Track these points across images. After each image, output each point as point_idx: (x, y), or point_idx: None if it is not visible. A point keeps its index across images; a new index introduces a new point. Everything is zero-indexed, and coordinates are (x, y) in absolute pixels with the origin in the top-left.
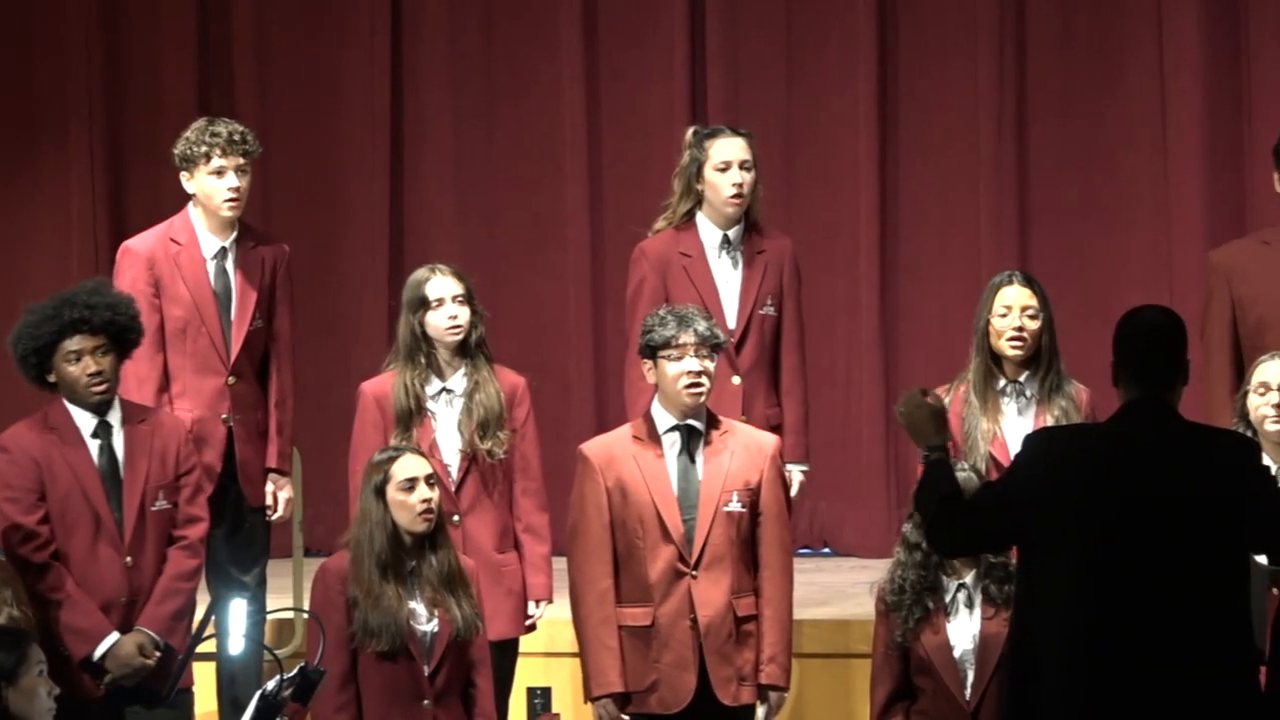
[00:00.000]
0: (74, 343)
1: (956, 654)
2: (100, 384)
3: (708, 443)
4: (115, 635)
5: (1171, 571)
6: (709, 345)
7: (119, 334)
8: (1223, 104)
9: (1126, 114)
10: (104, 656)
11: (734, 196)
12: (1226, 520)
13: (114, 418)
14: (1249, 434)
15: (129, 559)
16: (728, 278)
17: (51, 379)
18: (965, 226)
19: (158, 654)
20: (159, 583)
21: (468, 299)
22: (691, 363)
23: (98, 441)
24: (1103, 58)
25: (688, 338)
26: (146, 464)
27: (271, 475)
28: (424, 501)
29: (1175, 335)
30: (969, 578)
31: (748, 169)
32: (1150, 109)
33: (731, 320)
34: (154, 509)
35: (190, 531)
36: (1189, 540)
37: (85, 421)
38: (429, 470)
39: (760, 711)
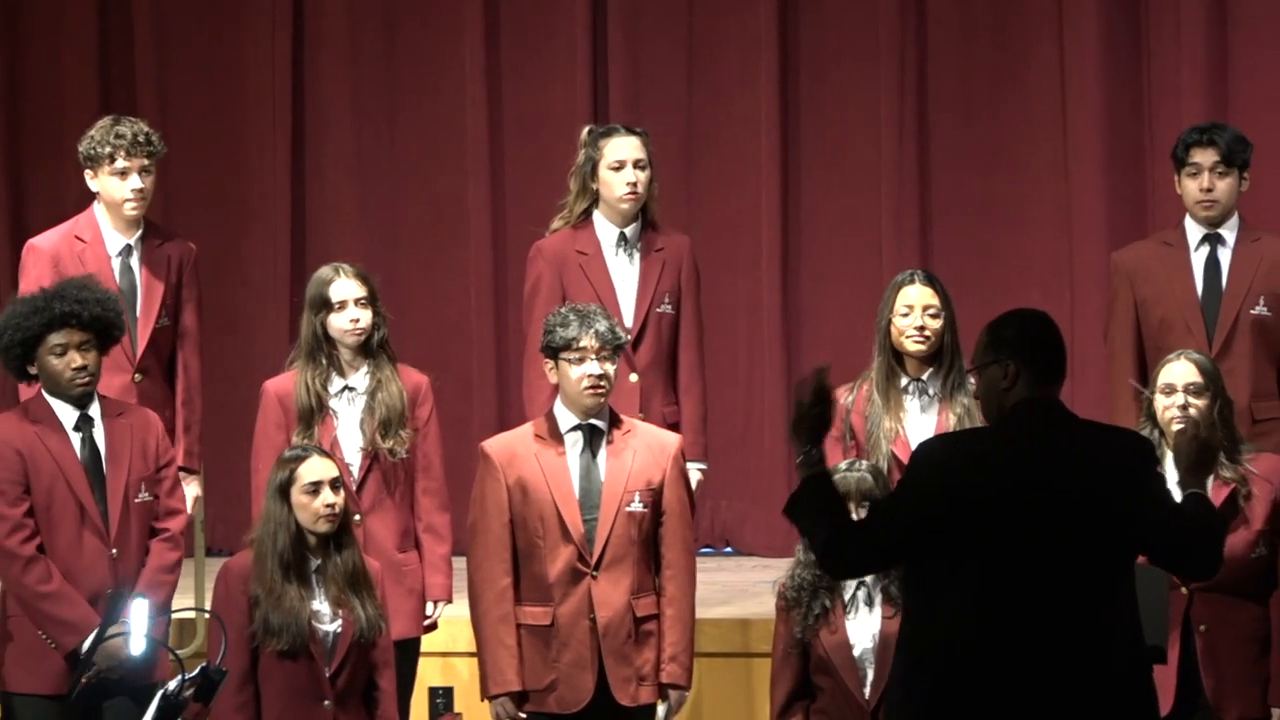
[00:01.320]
0: (60, 336)
1: (856, 653)
2: (84, 378)
3: (610, 442)
4: None
5: (1063, 570)
6: (610, 346)
7: (104, 330)
8: (1123, 105)
9: (1027, 114)
10: (91, 649)
11: (628, 195)
12: (1118, 519)
13: (94, 411)
14: (1156, 435)
15: (114, 551)
16: (624, 276)
17: (33, 370)
18: (867, 226)
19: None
20: (143, 575)
21: (370, 301)
22: (592, 365)
23: (79, 434)
24: (1003, 58)
25: (589, 340)
26: (129, 457)
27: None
28: (327, 505)
29: (1058, 335)
30: (869, 577)
31: (642, 168)
32: (1051, 109)
33: (628, 318)
34: (137, 501)
35: (171, 524)
36: (1081, 538)
37: (67, 414)
38: (334, 474)
39: (661, 710)
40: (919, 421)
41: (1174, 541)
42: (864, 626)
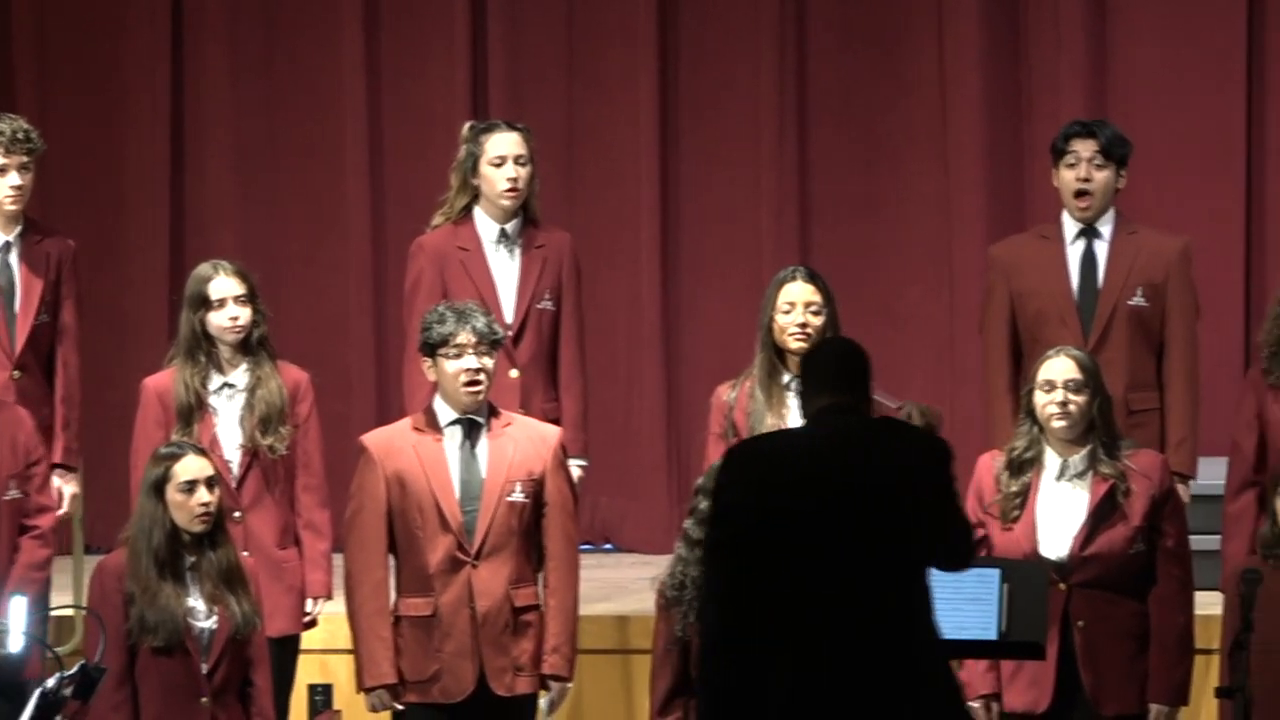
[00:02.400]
0: None
1: None
2: None
3: (490, 432)
4: None
5: (855, 567)
6: (488, 342)
7: None
8: (1002, 101)
9: (907, 111)
10: None
11: (509, 191)
12: (908, 518)
13: None
14: (1035, 431)
15: None
16: (505, 272)
17: None
18: (747, 222)
19: None
20: (12, 572)
21: (249, 298)
22: (470, 360)
23: None
24: (883, 54)
25: (466, 336)
26: None
27: (58, 470)
28: (202, 505)
29: (858, 354)
30: None
31: (523, 164)
32: (931, 106)
33: (509, 314)
34: (6, 498)
35: (42, 520)
36: (873, 538)
37: None
38: (210, 472)
39: (542, 702)
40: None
41: (943, 531)
42: None
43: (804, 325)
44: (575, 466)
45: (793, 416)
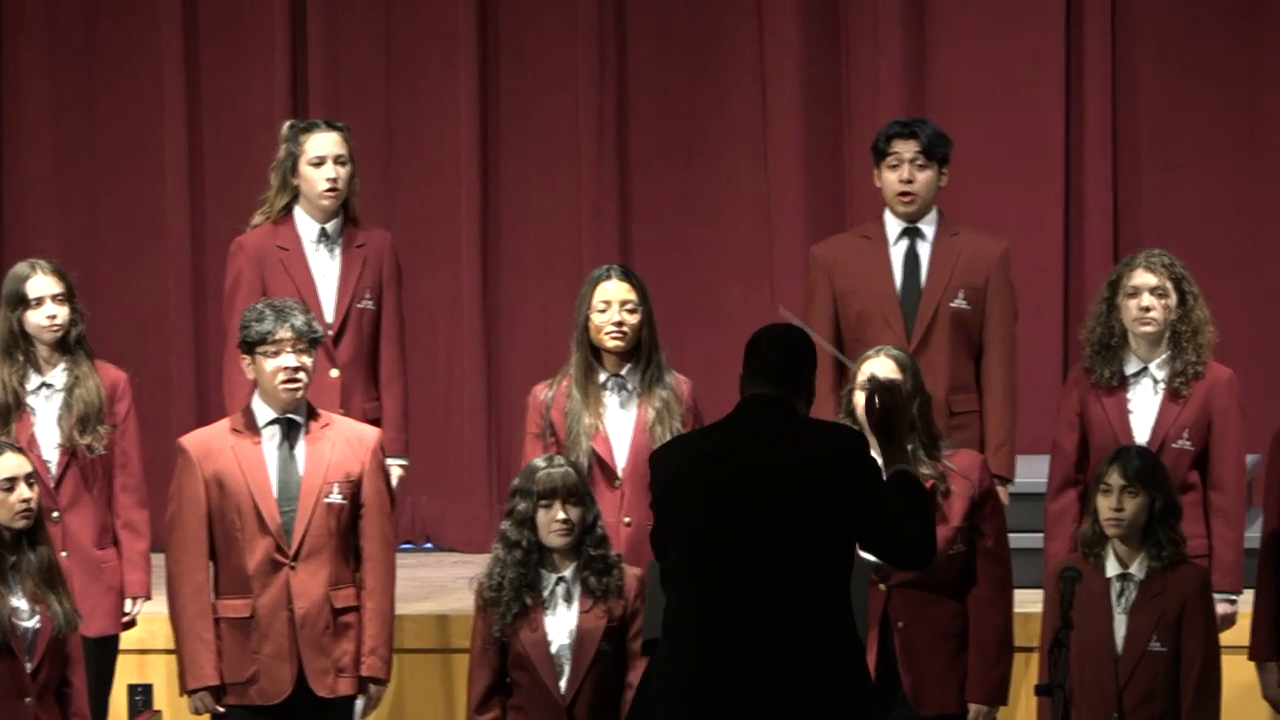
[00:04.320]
0: None
1: (553, 649)
2: None
3: (308, 434)
4: None
5: (775, 561)
6: (307, 340)
7: None
8: (822, 100)
9: (726, 109)
10: None
11: (328, 190)
12: (831, 511)
13: None
14: (856, 430)
15: None
16: (325, 271)
17: None
18: (566, 222)
19: None
20: None
21: (67, 297)
22: (289, 358)
23: None
24: (702, 53)
25: (285, 333)
26: None
27: None
28: (23, 501)
29: (802, 347)
30: (568, 571)
31: (343, 163)
32: (750, 104)
33: (329, 314)
34: None
35: None
36: (795, 531)
37: None
38: (29, 469)
39: (359, 703)
40: (618, 417)
41: (886, 532)
42: (562, 623)
43: (620, 324)
44: (395, 466)
45: (609, 413)
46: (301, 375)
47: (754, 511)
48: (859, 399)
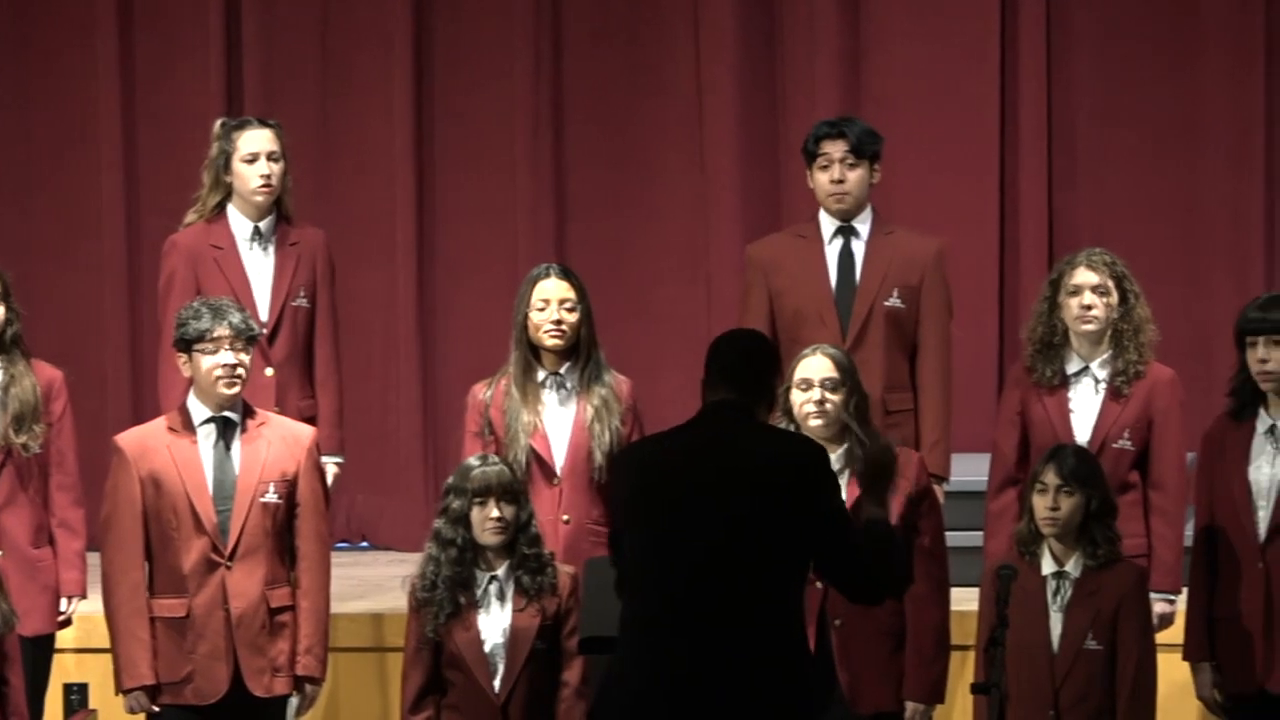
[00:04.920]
0: None
1: (487, 648)
2: None
3: (244, 433)
4: None
5: (730, 568)
6: (244, 338)
7: None
8: (758, 100)
9: (663, 109)
10: None
11: (262, 188)
12: (791, 518)
13: None
14: (792, 428)
15: None
16: (259, 269)
17: None
18: (502, 221)
19: None
20: None
21: (3, 296)
22: (226, 356)
23: None
24: (639, 53)
25: (222, 330)
26: None
27: None
28: None
29: (763, 352)
30: (502, 570)
31: (275, 160)
32: (686, 104)
33: (264, 312)
34: None
35: None
36: (756, 536)
37: None
38: None
39: (294, 703)
40: (557, 415)
41: (842, 565)
42: (495, 622)
43: (559, 322)
44: (331, 464)
45: (548, 412)
46: (239, 373)
47: (717, 517)
48: (795, 397)
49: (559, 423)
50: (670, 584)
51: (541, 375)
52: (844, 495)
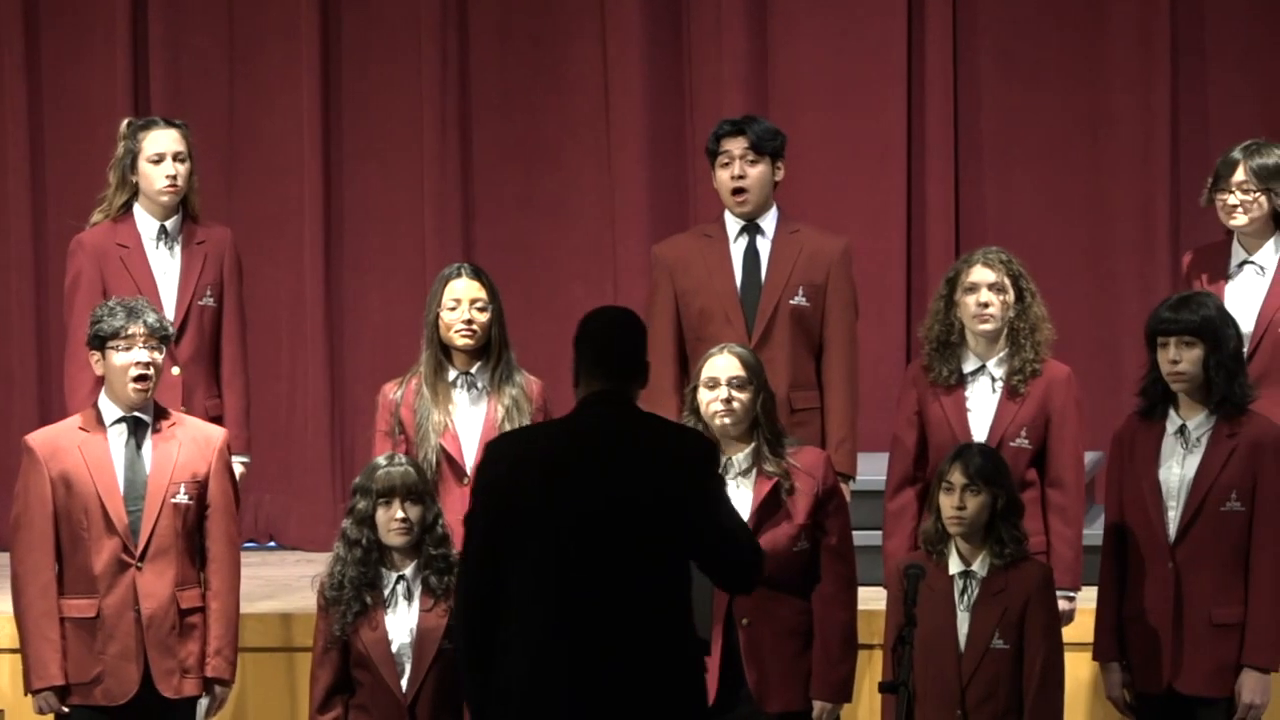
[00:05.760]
0: None
1: (394, 648)
2: None
3: (156, 433)
4: None
5: (618, 568)
6: (158, 337)
7: None
8: (665, 99)
9: (570, 108)
10: None
11: (168, 187)
12: (669, 517)
13: None
14: (700, 428)
15: None
16: (166, 269)
17: None
18: (410, 221)
19: None
20: None
21: None
22: (140, 353)
23: None
24: (545, 52)
25: (137, 329)
26: None
27: None
28: None
29: (634, 332)
30: (409, 570)
31: (181, 160)
32: (593, 103)
33: (170, 311)
34: None
35: None
36: (636, 537)
37: None
38: None
39: (203, 704)
40: (468, 414)
41: (712, 553)
42: (403, 621)
43: (470, 322)
44: (238, 463)
45: (459, 411)
46: (151, 372)
47: (601, 510)
48: (702, 395)
49: (470, 422)
50: (556, 576)
51: (452, 375)
52: (750, 496)
